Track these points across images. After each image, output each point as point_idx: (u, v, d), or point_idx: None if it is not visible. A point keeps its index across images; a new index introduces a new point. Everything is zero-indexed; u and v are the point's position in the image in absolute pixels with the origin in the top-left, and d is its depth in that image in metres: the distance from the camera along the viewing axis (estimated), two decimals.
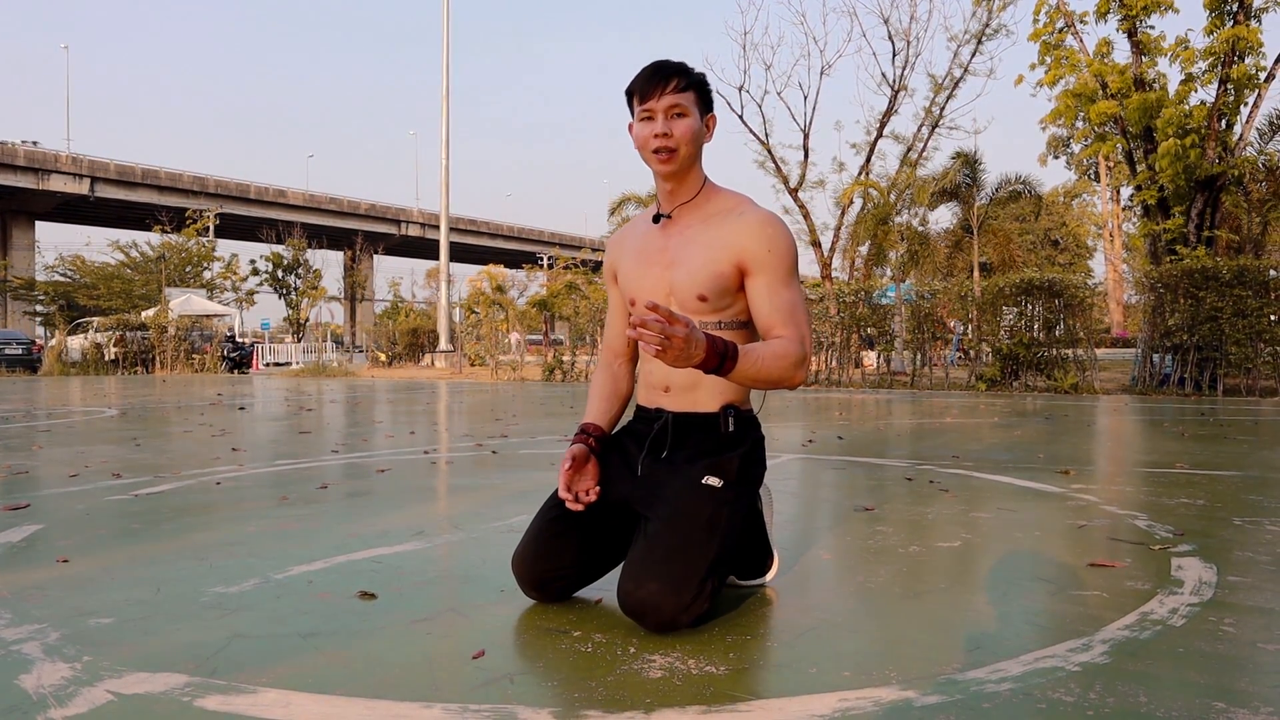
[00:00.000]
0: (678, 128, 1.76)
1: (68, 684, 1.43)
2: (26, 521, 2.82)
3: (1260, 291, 10.14)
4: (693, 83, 1.78)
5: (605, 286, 2.08)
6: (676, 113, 1.77)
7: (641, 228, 1.95)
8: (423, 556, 2.33)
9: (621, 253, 1.97)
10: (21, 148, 40.59)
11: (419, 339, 24.41)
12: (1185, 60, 12.34)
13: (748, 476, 1.81)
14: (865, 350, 14.70)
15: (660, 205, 1.90)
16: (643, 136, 1.79)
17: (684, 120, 1.77)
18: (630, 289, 1.92)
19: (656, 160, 1.79)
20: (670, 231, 1.87)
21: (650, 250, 1.88)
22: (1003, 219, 26.07)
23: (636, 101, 1.79)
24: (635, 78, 1.80)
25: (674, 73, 1.77)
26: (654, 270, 1.86)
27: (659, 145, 1.76)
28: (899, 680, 1.43)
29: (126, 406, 8.91)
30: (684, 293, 1.81)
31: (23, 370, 22.08)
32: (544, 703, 1.35)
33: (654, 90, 1.76)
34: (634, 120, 1.82)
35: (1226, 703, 1.34)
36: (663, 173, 1.81)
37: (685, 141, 1.77)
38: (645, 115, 1.78)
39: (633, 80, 1.80)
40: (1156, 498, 3.21)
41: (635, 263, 1.91)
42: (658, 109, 1.76)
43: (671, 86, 1.76)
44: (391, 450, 4.87)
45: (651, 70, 1.78)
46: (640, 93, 1.78)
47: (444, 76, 24.92)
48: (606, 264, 2.05)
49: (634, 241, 1.94)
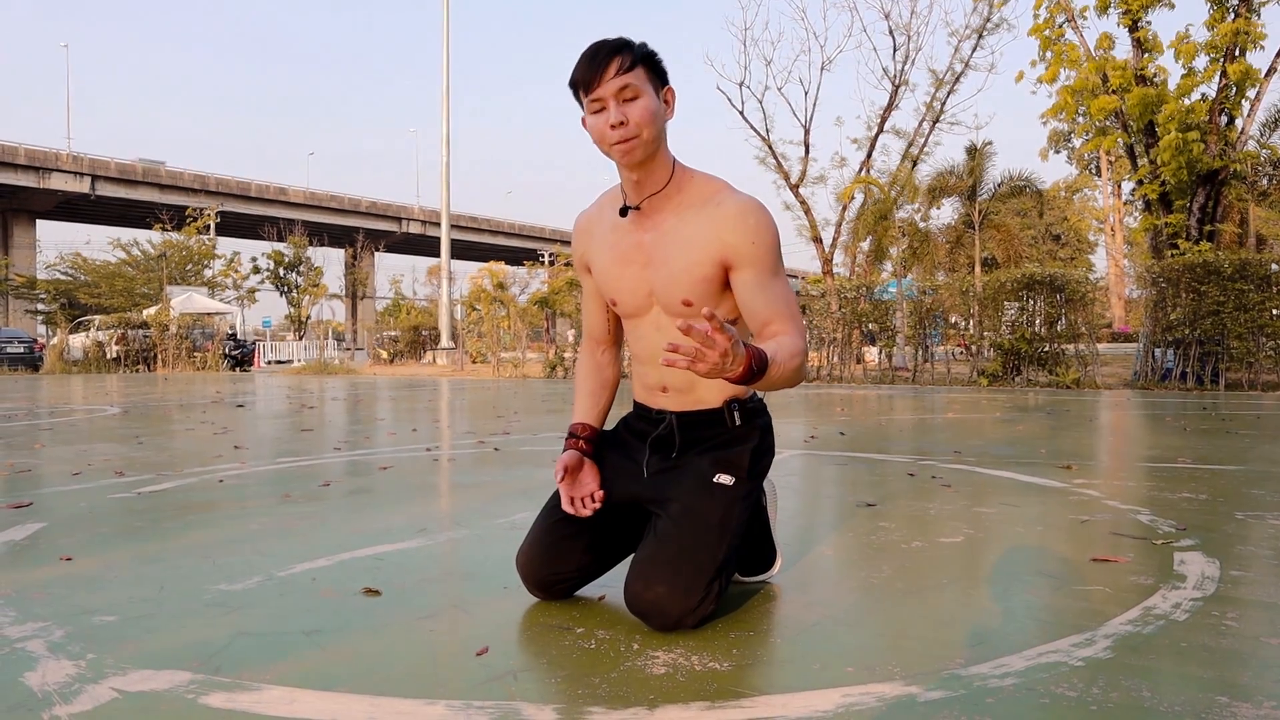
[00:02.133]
0: (633, 111, 1.59)
1: (72, 681, 1.43)
2: (30, 520, 2.82)
3: (1262, 285, 10.13)
4: (639, 58, 1.61)
5: (578, 275, 1.89)
6: (628, 96, 1.60)
7: (610, 218, 1.79)
8: (426, 553, 2.33)
9: (592, 243, 1.84)
10: (22, 146, 40.59)
11: (420, 336, 24.41)
12: (1186, 55, 12.31)
13: (758, 468, 1.78)
14: (867, 346, 14.68)
15: (627, 196, 1.73)
16: (598, 129, 1.62)
17: (638, 102, 1.60)
18: (609, 289, 1.81)
19: (618, 152, 1.62)
20: (644, 225, 1.73)
21: (624, 246, 1.76)
22: (1004, 214, 26.04)
23: (583, 93, 1.63)
24: (575, 66, 1.63)
25: (615, 51, 1.60)
26: (631, 269, 1.75)
27: (618, 136, 1.60)
28: (902, 675, 1.43)
29: (128, 405, 8.92)
30: (667, 296, 1.71)
31: (25, 369, 22.12)
32: (547, 699, 1.35)
33: (598, 75, 1.59)
34: (585, 114, 1.65)
35: (1230, 697, 1.34)
36: (627, 163, 1.64)
37: (644, 124, 1.60)
38: (596, 106, 1.61)
39: (574, 69, 1.63)
40: (1159, 492, 3.21)
41: (610, 261, 1.78)
42: (607, 96, 1.59)
43: (615, 67, 1.59)
44: (394, 447, 4.88)
45: (590, 53, 1.61)
46: (584, 81, 1.61)
47: (444, 73, 24.90)
48: (576, 252, 1.90)
49: (605, 234, 1.80)
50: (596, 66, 1.59)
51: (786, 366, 1.51)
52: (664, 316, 1.75)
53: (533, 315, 20.58)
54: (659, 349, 1.72)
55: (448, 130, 24.88)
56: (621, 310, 1.83)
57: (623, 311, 1.83)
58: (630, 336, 1.86)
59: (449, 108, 24.94)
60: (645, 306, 1.77)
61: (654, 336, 1.77)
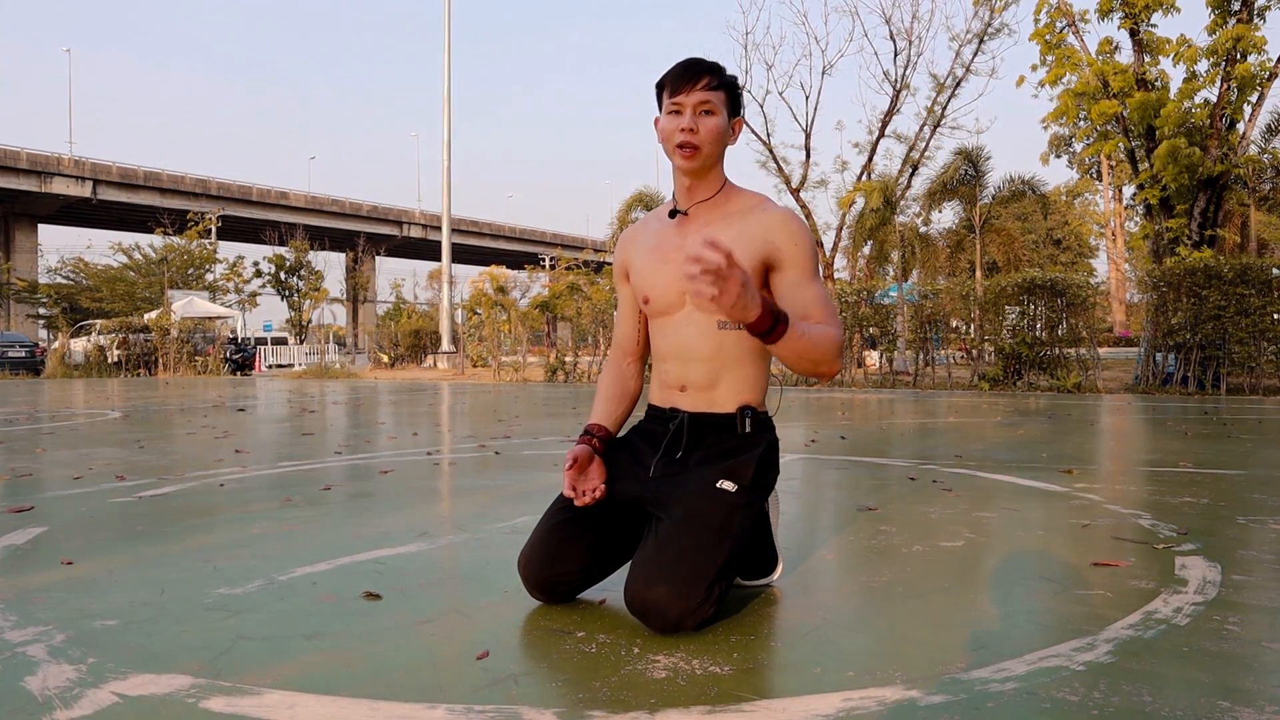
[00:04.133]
0: (704, 125, 1.76)
1: (73, 686, 1.43)
2: (31, 524, 2.82)
3: (1263, 290, 10.12)
4: (724, 83, 1.78)
5: (616, 285, 2.07)
6: (705, 109, 1.76)
7: (655, 225, 1.92)
8: (426, 558, 2.33)
9: (634, 249, 1.95)
10: (24, 150, 40.67)
11: (421, 340, 24.43)
12: (1188, 59, 12.32)
13: (761, 481, 1.80)
14: (868, 350, 14.69)
15: (677, 200, 1.87)
16: (668, 130, 1.78)
17: (711, 119, 1.77)
18: (644, 286, 1.90)
19: (680, 155, 1.77)
20: (688, 229, 1.84)
21: (666, 247, 1.86)
22: (1004, 218, 26.06)
23: (666, 94, 1.78)
24: (668, 71, 1.79)
25: (706, 70, 1.77)
26: (670, 268, 1.83)
27: (684, 140, 1.75)
28: (903, 680, 1.43)
29: (129, 409, 8.92)
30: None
31: (26, 373, 22.14)
32: (548, 703, 1.35)
33: (685, 85, 1.75)
34: (661, 114, 1.81)
35: (1231, 701, 1.34)
36: (684, 168, 1.79)
37: (710, 140, 1.76)
38: (673, 109, 1.77)
39: (665, 73, 1.79)
40: (1160, 497, 3.21)
41: (650, 259, 1.88)
42: (686, 104, 1.75)
43: (703, 84, 1.75)
44: (394, 452, 4.88)
45: (685, 65, 1.77)
46: (671, 86, 1.77)
47: (445, 77, 24.95)
48: (617, 261, 2.02)
49: (648, 238, 1.92)
50: (687, 77, 1.75)
51: (816, 341, 1.63)
52: (695, 314, 1.82)
53: (533, 319, 20.60)
54: (685, 344, 1.83)
55: (449, 134, 24.93)
56: (653, 307, 1.89)
57: (654, 309, 1.89)
58: (657, 336, 1.92)
59: (450, 112, 24.99)
60: (678, 304, 1.84)
61: (683, 330, 1.84)
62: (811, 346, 1.63)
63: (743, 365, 1.82)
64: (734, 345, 1.81)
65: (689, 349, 1.84)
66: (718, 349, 1.81)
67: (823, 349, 1.65)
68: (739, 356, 1.82)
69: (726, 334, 1.80)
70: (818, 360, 1.65)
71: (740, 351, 1.82)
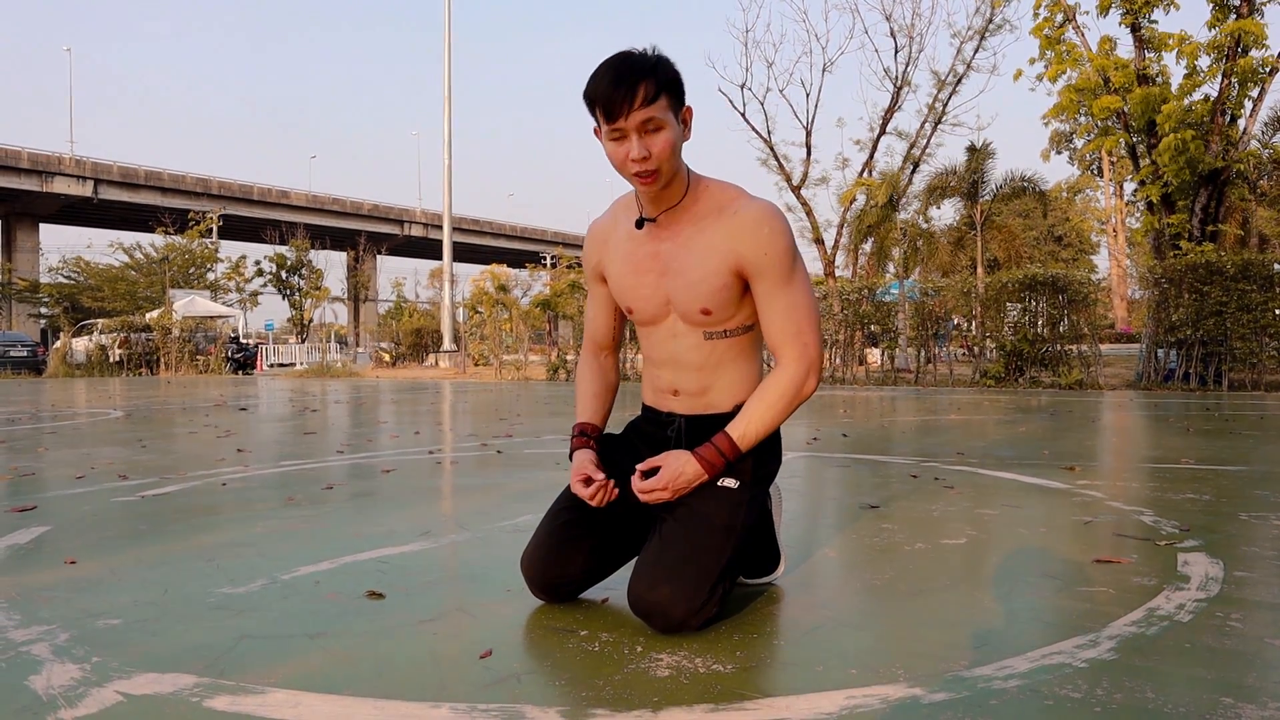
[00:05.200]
0: (655, 145, 1.57)
1: (77, 685, 1.43)
2: (33, 523, 2.83)
3: (1265, 286, 10.12)
4: (662, 86, 1.56)
5: (588, 281, 1.97)
6: (651, 128, 1.57)
7: (626, 226, 1.80)
8: (429, 556, 2.34)
9: (607, 252, 1.85)
10: (25, 150, 40.68)
11: (422, 339, 24.44)
12: (1189, 54, 12.30)
13: (762, 474, 1.79)
14: (869, 347, 14.68)
15: (643, 209, 1.75)
16: (618, 157, 1.61)
17: (661, 134, 1.58)
18: (625, 298, 1.84)
19: (638, 182, 1.63)
20: (659, 235, 1.74)
21: (640, 256, 1.77)
22: (1006, 215, 26.02)
23: (601, 116, 1.58)
24: (594, 82, 1.57)
25: (640, 79, 1.54)
26: (648, 279, 1.77)
27: (638, 169, 1.59)
28: (906, 678, 1.43)
29: (131, 408, 8.93)
30: (686, 305, 1.74)
31: (28, 372, 22.16)
32: (552, 702, 1.35)
33: (620, 106, 1.54)
34: (601, 132, 1.61)
35: (1234, 698, 1.34)
36: (647, 193, 1.67)
37: (666, 158, 1.59)
38: (616, 134, 1.58)
39: (592, 85, 1.57)
40: (1162, 493, 3.21)
41: (626, 270, 1.80)
42: (629, 128, 1.56)
43: (640, 99, 1.54)
44: (396, 450, 4.88)
45: (613, 78, 1.54)
46: (604, 109, 1.56)
47: (446, 76, 24.94)
48: (590, 259, 1.91)
49: (620, 243, 1.82)
50: (620, 96, 1.54)
51: (774, 411, 1.69)
52: (680, 324, 1.78)
53: (535, 318, 20.61)
54: (674, 354, 1.81)
55: (449, 133, 24.93)
56: (638, 318, 1.85)
57: (639, 319, 1.85)
58: (645, 340, 1.88)
59: (451, 110, 24.98)
60: (662, 314, 1.80)
61: (670, 343, 1.81)
62: (773, 419, 1.70)
63: (734, 366, 1.79)
64: (724, 351, 1.78)
65: (678, 359, 1.81)
66: (707, 357, 1.78)
67: (784, 406, 1.70)
68: (730, 359, 1.79)
69: (715, 343, 1.77)
70: (789, 412, 1.72)
71: (731, 355, 1.79)
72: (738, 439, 1.68)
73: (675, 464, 1.68)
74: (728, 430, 1.69)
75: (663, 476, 1.67)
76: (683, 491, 1.68)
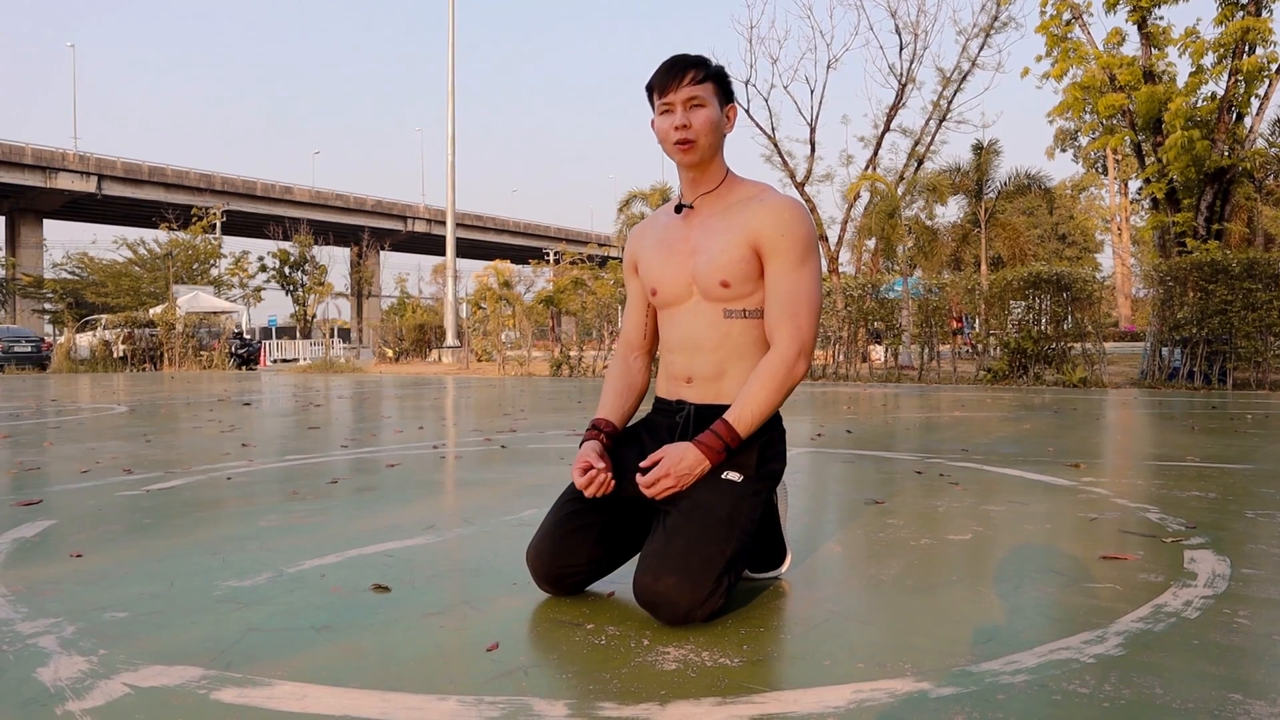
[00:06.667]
0: (696, 118, 1.79)
1: (84, 677, 1.44)
2: (40, 517, 2.83)
3: (1270, 284, 10.08)
4: (710, 74, 1.81)
5: (625, 279, 2.12)
6: (695, 104, 1.79)
7: (663, 219, 1.97)
8: (434, 550, 2.34)
9: (642, 244, 1.99)
10: (29, 146, 40.74)
11: (426, 335, 24.46)
12: (1195, 52, 12.26)
13: (767, 471, 1.80)
14: (873, 344, 14.66)
15: (683, 195, 1.92)
16: (663, 129, 1.82)
17: (702, 111, 1.79)
18: (652, 278, 1.94)
19: (678, 151, 1.81)
20: (692, 221, 1.89)
21: (672, 239, 1.91)
22: (1010, 213, 25.98)
23: (656, 96, 1.82)
24: (654, 73, 1.83)
25: (690, 65, 1.80)
26: (676, 259, 1.89)
27: (679, 137, 1.79)
28: (913, 672, 1.43)
29: (136, 403, 8.95)
30: (706, 279, 1.83)
31: (32, 367, 22.22)
32: (558, 695, 1.35)
33: (671, 83, 1.79)
34: (655, 115, 1.85)
35: (1242, 694, 1.34)
36: (684, 163, 1.84)
37: (704, 132, 1.79)
38: (665, 109, 1.81)
39: (652, 75, 1.83)
40: (1167, 491, 3.20)
41: (657, 252, 1.93)
42: (676, 101, 1.79)
43: (688, 79, 1.78)
44: (400, 445, 4.89)
45: (669, 64, 1.81)
46: (659, 87, 1.81)
47: (449, 73, 24.93)
48: (627, 257, 2.07)
49: (655, 233, 1.97)
50: (672, 75, 1.79)
51: (770, 396, 1.75)
52: (703, 304, 1.86)
53: (538, 313, 20.62)
54: (692, 334, 1.88)
55: (453, 129, 24.91)
56: (661, 298, 1.93)
57: (662, 300, 1.93)
58: (665, 327, 1.96)
59: (454, 106, 24.97)
60: (685, 294, 1.89)
61: (690, 321, 1.89)
62: (769, 404, 1.75)
63: (748, 357, 1.84)
64: (741, 334, 1.84)
65: (696, 339, 1.87)
66: (725, 338, 1.84)
67: (779, 390, 1.75)
68: (745, 346, 1.84)
69: (734, 322, 1.84)
70: (785, 397, 1.77)
71: (746, 341, 1.84)
72: (734, 422, 1.73)
73: (675, 453, 1.72)
74: (724, 416, 1.75)
75: (664, 465, 1.71)
76: (686, 479, 1.71)
